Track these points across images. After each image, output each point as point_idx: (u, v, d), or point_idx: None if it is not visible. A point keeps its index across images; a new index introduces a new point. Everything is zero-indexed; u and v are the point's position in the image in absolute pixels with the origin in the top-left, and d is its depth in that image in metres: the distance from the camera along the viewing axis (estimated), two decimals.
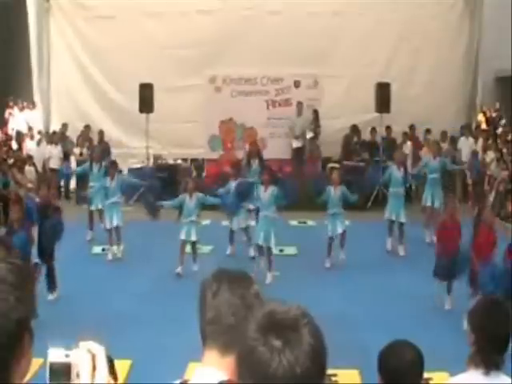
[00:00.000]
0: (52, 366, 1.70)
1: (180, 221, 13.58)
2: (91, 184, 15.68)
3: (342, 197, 13.55)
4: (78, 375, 1.70)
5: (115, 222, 14.22)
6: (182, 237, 12.92)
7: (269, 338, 1.68)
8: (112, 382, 1.74)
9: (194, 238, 13.06)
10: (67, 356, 1.71)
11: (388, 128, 20.37)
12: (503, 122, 21.85)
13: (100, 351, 1.73)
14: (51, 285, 11.31)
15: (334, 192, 13.53)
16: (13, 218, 10.75)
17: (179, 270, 12.69)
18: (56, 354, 1.71)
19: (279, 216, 13.24)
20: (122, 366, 7.26)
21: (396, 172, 15.09)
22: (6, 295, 1.58)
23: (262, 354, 1.66)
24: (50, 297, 11.16)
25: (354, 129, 20.65)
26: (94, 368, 1.70)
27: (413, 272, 12.27)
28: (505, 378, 3.61)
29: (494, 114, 24.74)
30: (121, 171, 15.92)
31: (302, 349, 1.67)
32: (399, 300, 10.98)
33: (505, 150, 19.39)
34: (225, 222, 16.22)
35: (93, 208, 15.54)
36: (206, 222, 16.82)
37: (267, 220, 12.79)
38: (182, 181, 14.49)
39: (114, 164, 15.28)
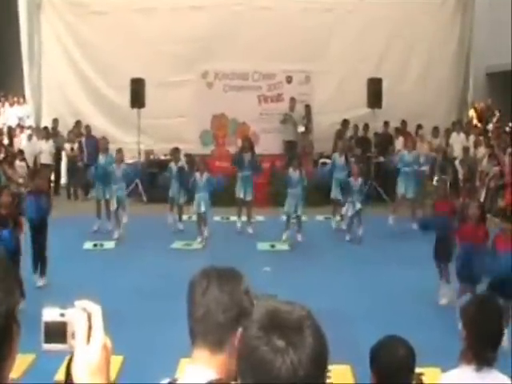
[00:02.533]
0: (46, 325, 1.65)
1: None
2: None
3: (360, 188, 15.16)
4: (73, 335, 1.64)
5: (115, 206, 15.29)
6: (195, 210, 14.77)
7: (272, 338, 1.66)
8: (109, 342, 1.68)
9: (203, 208, 14.65)
10: (62, 315, 1.65)
11: (386, 123, 20.40)
12: (495, 118, 21.90)
13: (96, 310, 1.67)
14: (42, 269, 11.46)
15: (354, 183, 15.05)
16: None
17: (199, 240, 14.60)
18: (50, 314, 1.66)
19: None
20: (114, 362, 7.22)
21: (338, 160, 16.55)
22: (4, 296, 1.55)
23: (265, 354, 1.64)
24: (40, 283, 11.27)
25: (345, 123, 20.66)
26: (89, 327, 1.64)
27: (405, 267, 12.29)
28: (497, 374, 3.61)
29: (485, 110, 24.77)
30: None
31: (305, 350, 1.65)
32: (392, 295, 10.99)
33: (496, 146, 19.43)
34: (216, 218, 16.24)
35: (100, 197, 15.98)
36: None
37: (296, 195, 14.80)
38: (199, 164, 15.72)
39: (120, 151, 16.05)
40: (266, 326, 1.68)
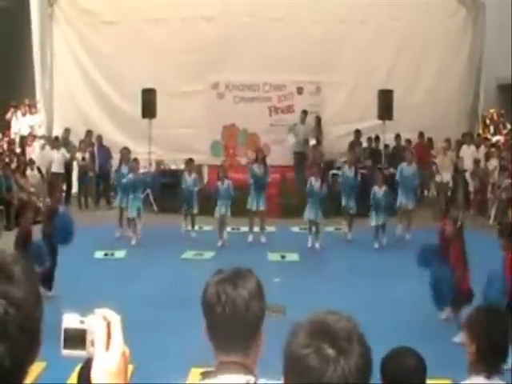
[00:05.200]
0: (66, 332, 1.66)
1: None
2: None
3: (385, 196, 15.43)
4: (92, 342, 1.65)
5: (134, 214, 15.66)
6: (217, 215, 15.50)
7: (322, 346, 1.68)
8: (127, 351, 1.69)
9: (223, 211, 15.45)
10: (82, 322, 1.66)
11: (397, 136, 20.39)
12: (506, 130, 21.82)
13: (116, 319, 1.68)
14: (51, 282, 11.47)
15: (379, 191, 15.43)
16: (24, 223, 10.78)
17: (219, 244, 15.31)
18: (71, 320, 1.66)
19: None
20: None
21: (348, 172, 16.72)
22: (26, 295, 1.57)
23: (316, 362, 1.66)
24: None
25: (358, 134, 20.64)
26: (108, 336, 1.65)
27: (413, 279, 12.24)
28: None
29: (497, 119, 24.66)
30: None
31: (354, 360, 1.68)
32: (402, 306, 10.95)
33: (507, 158, 19.35)
34: (227, 228, 16.24)
35: (123, 205, 16.19)
36: (207, 227, 16.87)
37: (316, 203, 15.24)
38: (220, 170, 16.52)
39: (136, 160, 16.50)
40: (314, 334, 1.70)
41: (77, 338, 1.65)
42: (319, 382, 1.65)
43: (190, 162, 16.53)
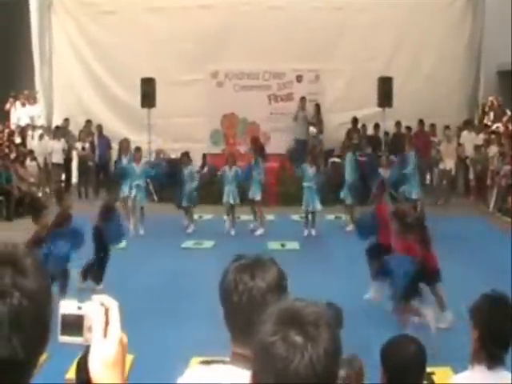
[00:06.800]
0: (63, 318, 1.64)
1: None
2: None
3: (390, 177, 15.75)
4: (89, 329, 1.63)
5: (144, 202, 15.84)
6: (225, 200, 15.52)
7: (289, 334, 1.63)
8: (125, 337, 1.69)
9: (231, 201, 15.47)
10: (79, 308, 1.64)
11: (398, 123, 20.38)
12: (506, 117, 21.77)
13: (114, 305, 1.67)
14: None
15: (384, 173, 15.87)
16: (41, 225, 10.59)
17: (231, 232, 15.39)
18: (68, 306, 1.65)
19: None
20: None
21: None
22: (38, 287, 1.58)
23: (283, 350, 1.62)
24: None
25: (355, 122, 20.62)
26: (106, 322, 1.64)
27: None
28: (506, 374, 3.60)
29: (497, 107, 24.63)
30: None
31: (323, 345, 1.63)
32: None
33: (507, 145, 19.34)
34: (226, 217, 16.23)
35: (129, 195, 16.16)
36: (207, 216, 16.88)
37: (312, 189, 15.27)
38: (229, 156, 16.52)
39: (138, 149, 16.47)
40: (281, 320, 1.66)
41: (74, 325, 1.64)
42: (285, 370, 1.60)
43: (184, 155, 16.37)
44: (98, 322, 1.64)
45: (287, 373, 1.61)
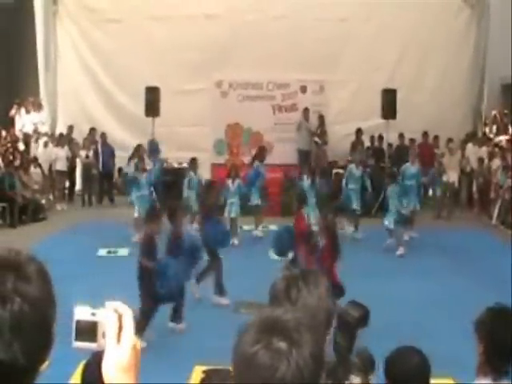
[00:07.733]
0: (78, 324, 1.67)
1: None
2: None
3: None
4: (103, 335, 1.66)
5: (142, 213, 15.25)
6: (227, 215, 15.37)
7: (271, 341, 1.61)
8: (138, 343, 1.70)
9: (233, 214, 15.43)
10: (93, 315, 1.67)
11: (401, 135, 20.40)
12: (510, 129, 21.80)
13: (127, 312, 1.69)
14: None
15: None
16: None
17: (236, 241, 15.03)
18: (82, 312, 1.68)
19: None
20: None
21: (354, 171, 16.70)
22: (40, 294, 1.60)
23: (267, 358, 1.60)
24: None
25: (359, 133, 20.65)
26: (120, 329, 1.66)
27: (418, 277, 12.27)
28: None
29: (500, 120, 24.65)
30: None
31: (308, 349, 1.62)
32: (404, 305, 10.95)
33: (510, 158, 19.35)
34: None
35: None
36: None
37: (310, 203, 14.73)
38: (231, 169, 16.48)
39: (143, 159, 16.67)
40: (262, 329, 1.65)
41: (88, 331, 1.66)
42: (272, 379, 1.59)
43: (193, 161, 16.56)
44: (112, 328, 1.66)
45: (273, 381, 1.59)
